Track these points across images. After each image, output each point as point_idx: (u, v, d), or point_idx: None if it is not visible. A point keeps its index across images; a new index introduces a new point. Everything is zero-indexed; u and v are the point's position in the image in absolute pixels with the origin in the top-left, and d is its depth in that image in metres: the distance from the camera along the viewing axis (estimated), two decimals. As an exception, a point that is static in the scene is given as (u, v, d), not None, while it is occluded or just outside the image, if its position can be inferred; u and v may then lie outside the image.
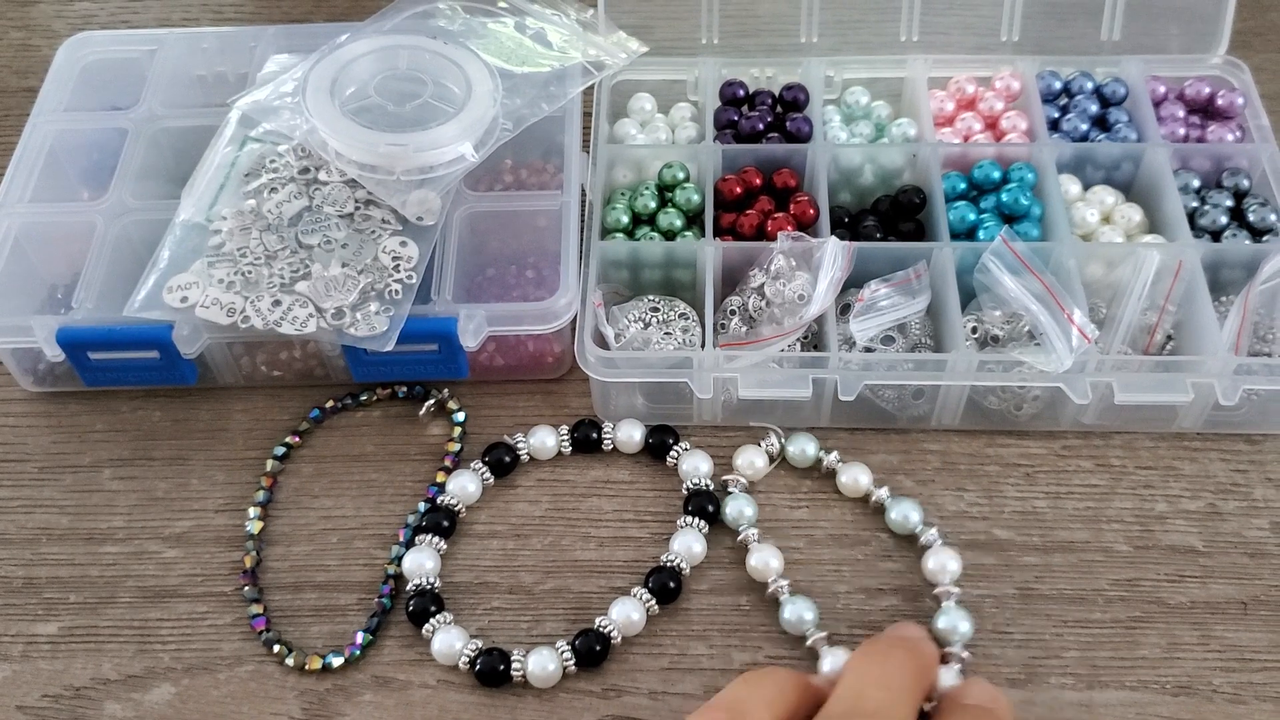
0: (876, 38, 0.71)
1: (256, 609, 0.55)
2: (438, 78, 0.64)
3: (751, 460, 0.58)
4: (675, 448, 0.59)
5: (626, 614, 0.54)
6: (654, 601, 0.54)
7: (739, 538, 0.56)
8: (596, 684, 0.53)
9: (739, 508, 0.57)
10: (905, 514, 0.56)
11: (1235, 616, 0.54)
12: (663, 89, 0.72)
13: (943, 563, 0.55)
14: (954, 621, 0.53)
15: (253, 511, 0.58)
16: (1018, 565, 0.56)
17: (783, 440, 0.59)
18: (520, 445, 0.59)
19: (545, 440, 0.59)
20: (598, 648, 0.53)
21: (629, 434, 0.59)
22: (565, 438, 0.60)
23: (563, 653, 0.53)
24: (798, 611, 0.53)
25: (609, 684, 0.53)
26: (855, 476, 0.58)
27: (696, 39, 0.71)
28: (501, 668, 0.52)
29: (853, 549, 0.57)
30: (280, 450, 0.60)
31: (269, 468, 0.60)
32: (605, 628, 0.53)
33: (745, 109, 0.70)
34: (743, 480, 0.58)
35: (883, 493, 0.57)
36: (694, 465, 0.58)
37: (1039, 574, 0.55)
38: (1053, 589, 0.55)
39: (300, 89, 0.63)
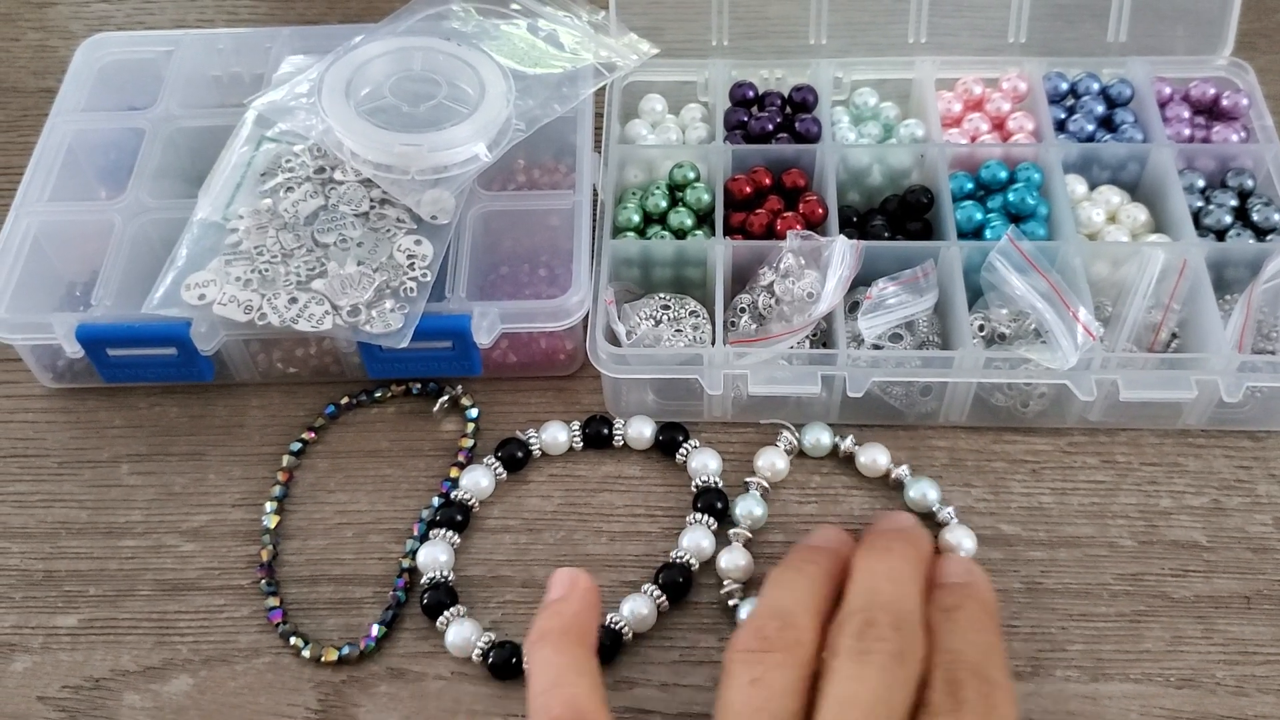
0: (885, 39, 0.72)
1: (273, 602, 0.56)
2: (451, 79, 0.65)
3: (772, 462, 0.59)
4: (685, 445, 0.60)
5: (637, 610, 0.54)
6: (664, 598, 0.55)
7: (730, 530, 0.57)
8: (608, 676, 0.54)
9: (749, 507, 0.57)
10: (923, 492, 0.57)
11: (1238, 610, 0.55)
12: (673, 90, 0.72)
13: (959, 540, 0.56)
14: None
15: (269, 506, 0.59)
16: (1024, 560, 0.56)
17: (796, 436, 0.60)
18: (532, 441, 0.60)
19: (557, 436, 0.60)
20: (608, 643, 0.54)
21: (639, 430, 0.60)
22: (577, 433, 0.61)
23: None
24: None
25: (620, 676, 0.54)
26: (874, 457, 0.59)
27: (707, 41, 0.72)
28: (514, 660, 0.53)
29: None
30: (296, 446, 0.61)
31: (285, 463, 0.60)
32: (617, 624, 0.54)
33: (755, 110, 0.70)
34: (764, 484, 0.58)
35: (902, 470, 0.58)
36: (703, 463, 0.59)
37: (1045, 568, 0.56)
38: (1058, 583, 0.55)
39: (316, 90, 0.63)
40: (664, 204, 0.65)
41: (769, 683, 0.42)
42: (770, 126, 0.68)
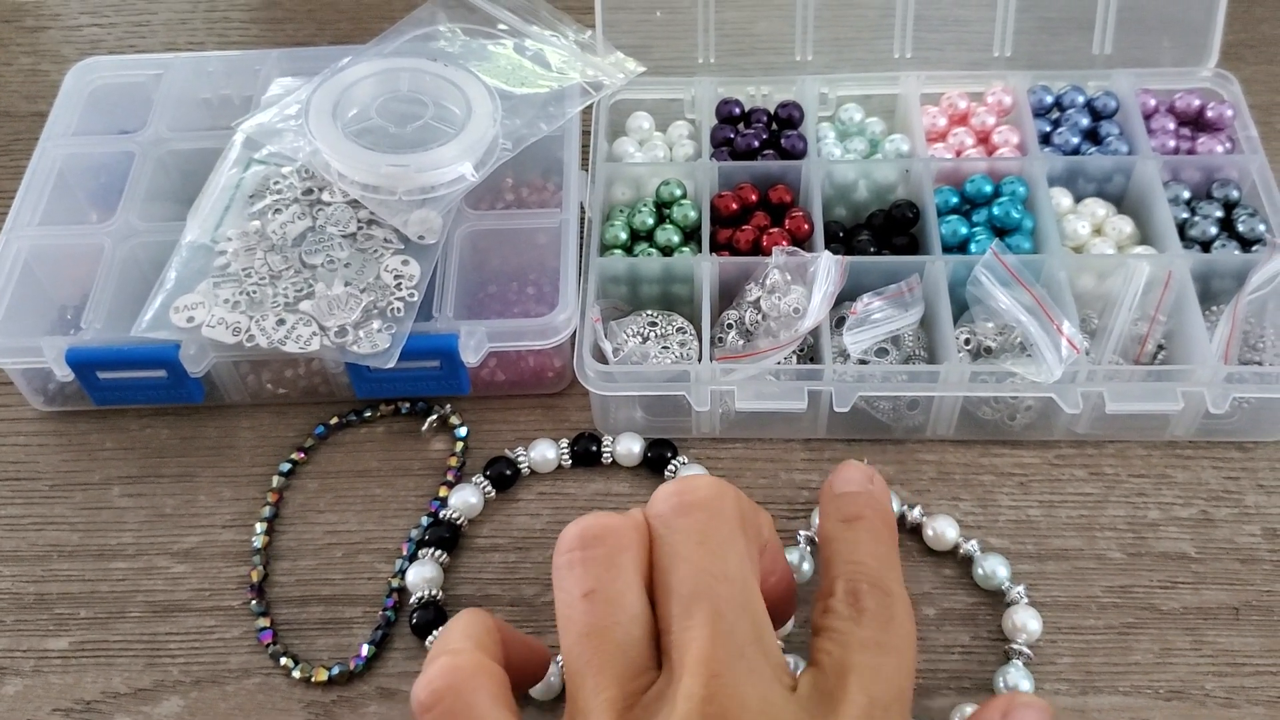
0: (870, 55, 0.72)
1: (263, 622, 0.56)
2: (438, 99, 0.65)
3: None
4: (673, 461, 0.60)
5: None
6: None
7: None
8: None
9: (792, 560, 0.56)
10: (994, 569, 0.55)
11: (1227, 621, 0.55)
12: (660, 108, 0.73)
13: (1024, 621, 0.54)
14: (1015, 680, 0.52)
15: (259, 527, 0.59)
16: (1012, 573, 0.56)
17: None
18: (520, 459, 0.60)
19: (546, 453, 0.60)
20: None
21: (628, 447, 0.60)
22: (565, 451, 0.61)
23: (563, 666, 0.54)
24: None
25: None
26: (943, 529, 0.57)
27: (693, 58, 0.72)
28: None
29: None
30: (286, 466, 0.61)
31: (275, 484, 0.61)
32: None
33: (741, 127, 0.71)
34: (816, 539, 0.57)
35: (972, 545, 0.56)
36: (692, 478, 0.59)
37: (1033, 581, 0.56)
38: (1046, 596, 0.55)
39: (303, 111, 0.64)
40: (651, 221, 0.66)
41: None
42: (756, 143, 0.68)
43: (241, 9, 0.86)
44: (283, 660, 0.55)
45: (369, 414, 0.63)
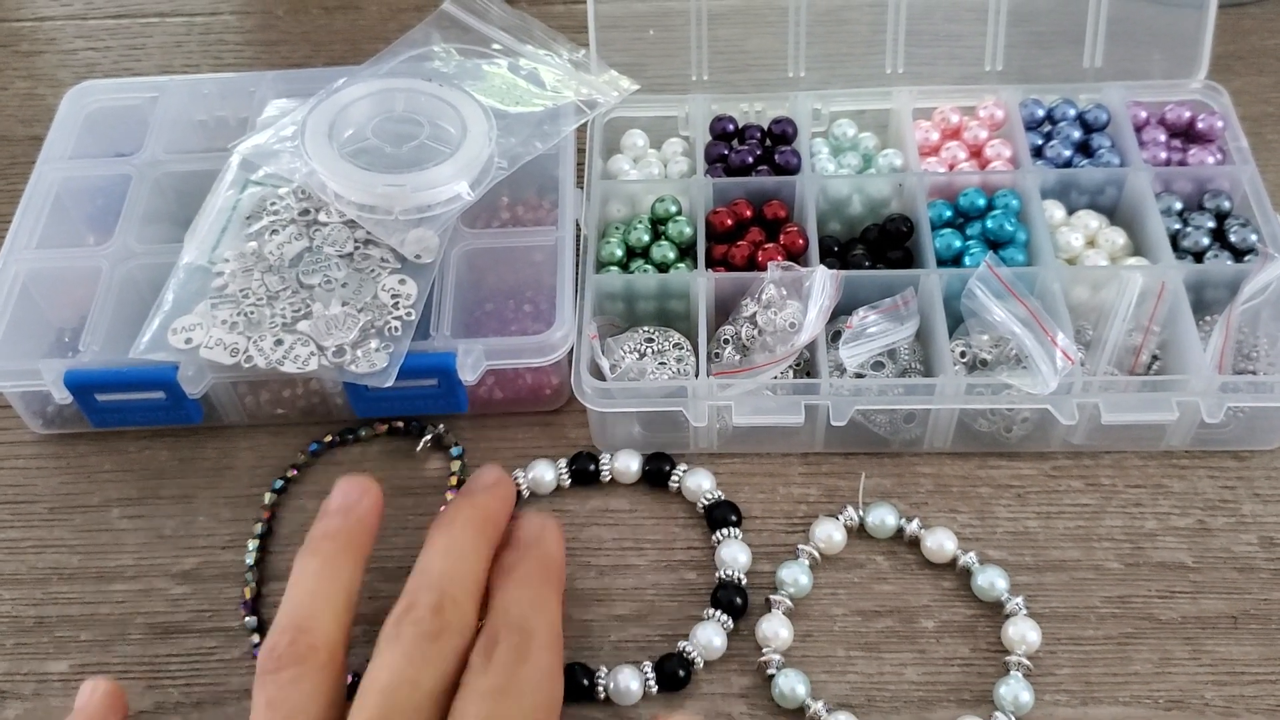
0: (863, 71, 0.72)
1: (256, 639, 0.56)
2: (434, 119, 0.66)
3: (830, 533, 0.57)
4: (675, 471, 0.60)
5: (709, 640, 0.54)
6: (729, 619, 0.55)
7: (771, 596, 0.56)
8: (591, 714, 0.54)
9: (794, 575, 0.56)
10: (992, 581, 0.55)
11: (1226, 631, 0.55)
12: (655, 125, 0.73)
13: (1023, 633, 0.54)
14: (1015, 691, 0.52)
15: (251, 544, 0.59)
16: (1011, 585, 0.56)
17: (859, 513, 0.58)
18: (519, 480, 0.60)
19: (544, 475, 0.60)
20: (682, 674, 0.54)
21: (626, 464, 0.60)
22: (564, 471, 0.61)
23: (646, 675, 0.54)
24: (790, 685, 0.53)
25: (601, 715, 0.54)
26: (941, 542, 0.57)
27: (687, 76, 0.73)
28: (585, 683, 0.53)
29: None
30: (279, 484, 0.61)
31: (267, 500, 0.61)
32: (689, 654, 0.54)
33: (735, 143, 0.71)
34: (815, 554, 0.57)
35: (970, 558, 0.57)
36: (697, 483, 0.60)
37: (1031, 593, 0.56)
38: (1045, 608, 0.56)
39: (299, 132, 0.64)
40: (646, 238, 0.66)
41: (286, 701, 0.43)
42: (750, 159, 0.69)
43: (236, 31, 0.87)
44: (281, 678, 0.55)
45: (363, 433, 0.63)
